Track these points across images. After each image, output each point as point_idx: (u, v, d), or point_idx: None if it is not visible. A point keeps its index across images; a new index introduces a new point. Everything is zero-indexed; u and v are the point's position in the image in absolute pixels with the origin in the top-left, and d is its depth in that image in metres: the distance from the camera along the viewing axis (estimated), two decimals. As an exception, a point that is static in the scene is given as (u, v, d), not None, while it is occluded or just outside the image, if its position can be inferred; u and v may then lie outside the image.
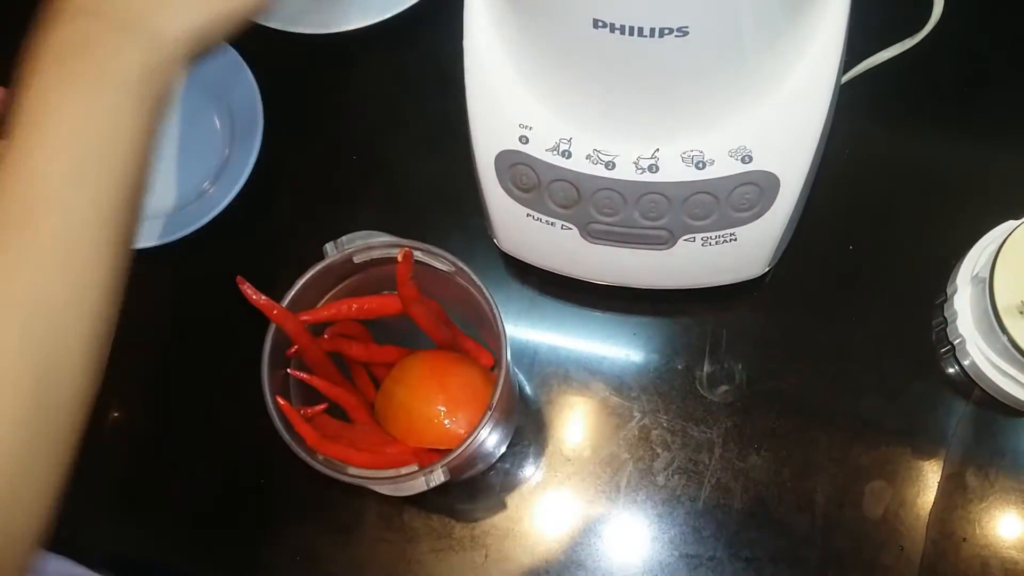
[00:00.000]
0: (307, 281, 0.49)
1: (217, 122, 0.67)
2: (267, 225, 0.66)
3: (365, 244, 0.49)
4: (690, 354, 0.60)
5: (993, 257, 0.53)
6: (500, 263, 0.63)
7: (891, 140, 0.64)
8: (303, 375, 0.50)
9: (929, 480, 0.56)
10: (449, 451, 0.46)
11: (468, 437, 0.46)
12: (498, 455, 0.58)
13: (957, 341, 0.57)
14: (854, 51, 0.61)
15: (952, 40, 0.62)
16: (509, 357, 0.49)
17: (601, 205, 0.51)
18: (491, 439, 0.53)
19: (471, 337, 0.56)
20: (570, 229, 0.53)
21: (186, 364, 0.65)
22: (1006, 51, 0.65)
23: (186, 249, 0.63)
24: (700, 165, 0.48)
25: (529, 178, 0.51)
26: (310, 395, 0.51)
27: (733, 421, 0.58)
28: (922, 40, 0.62)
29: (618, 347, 0.61)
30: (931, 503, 0.55)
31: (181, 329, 0.66)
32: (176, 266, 0.66)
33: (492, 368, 0.55)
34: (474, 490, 0.59)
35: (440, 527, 0.58)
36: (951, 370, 0.58)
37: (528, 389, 0.61)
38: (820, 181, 0.52)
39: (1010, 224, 0.55)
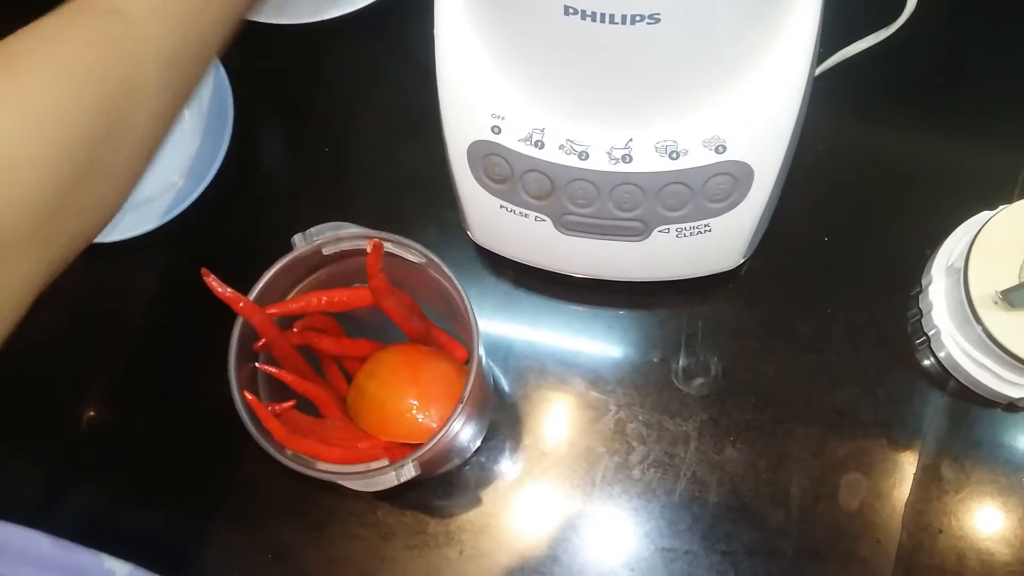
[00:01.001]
0: (275, 273, 0.48)
1: (187, 114, 0.66)
2: (238, 218, 0.65)
3: (334, 235, 0.48)
4: (666, 347, 0.60)
5: (968, 247, 0.53)
6: (475, 257, 0.62)
7: (866, 131, 0.64)
8: (271, 369, 0.49)
9: (905, 472, 0.56)
10: (420, 445, 0.45)
11: (439, 431, 0.45)
12: (473, 450, 0.58)
13: (932, 332, 0.57)
14: (828, 42, 0.61)
15: (926, 31, 0.62)
16: (482, 350, 0.48)
17: (575, 196, 0.50)
18: (464, 433, 0.52)
19: (444, 330, 0.55)
20: (544, 221, 0.53)
21: (155, 358, 0.64)
22: (980, 41, 0.65)
23: (155, 242, 0.62)
24: (674, 155, 0.48)
25: (502, 169, 0.50)
26: (280, 390, 0.50)
27: (709, 414, 0.58)
28: (896, 31, 0.62)
29: (594, 340, 0.61)
30: (907, 495, 0.55)
31: (150, 323, 0.65)
32: (145, 259, 0.65)
33: (466, 362, 0.55)
34: (449, 485, 0.58)
35: (415, 523, 0.57)
36: (926, 361, 0.58)
37: (504, 383, 0.60)
38: (795, 173, 0.52)
39: (985, 215, 0.55)
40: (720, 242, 0.53)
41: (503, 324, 0.62)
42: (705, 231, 0.52)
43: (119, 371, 0.64)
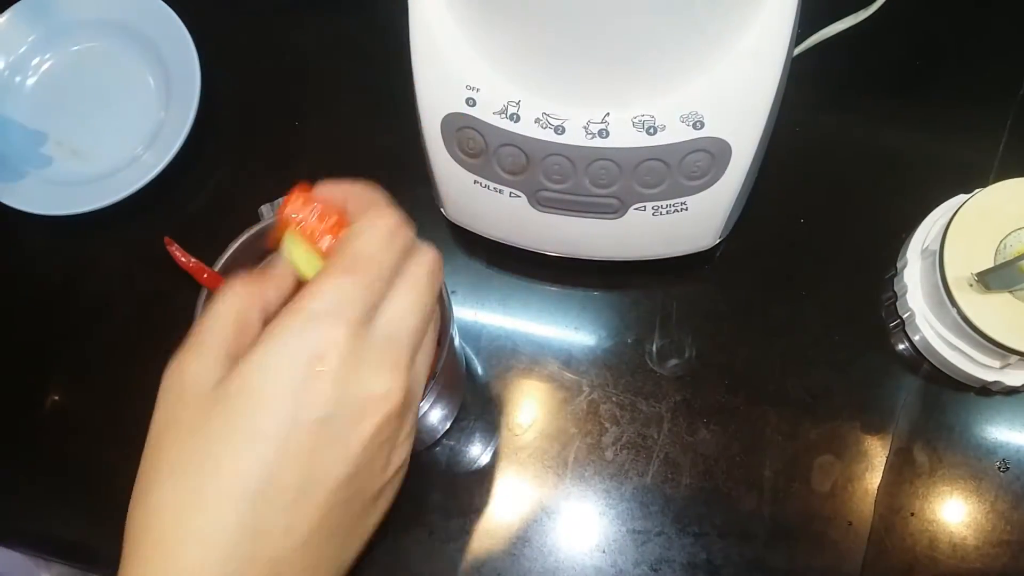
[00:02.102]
0: (241, 244, 0.47)
1: (152, 83, 0.64)
2: (204, 190, 0.64)
3: (303, 207, 0.47)
4: (640, 328, 0.59)
5: (943, 230, 0.52)
6: (448, 234, 0.61)
7: (843, 113, 0.63)
8: (238, 344, 0.47)
9: (877, 455, 0.56)
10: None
11: (410, 408, 0.44)
12: (443, 431, 0.57)
13: (907, 315, 0.56)
14: (805, 24, 0.60)
15: (903, 13, 0.62)
16: (455, 329, 0.47)
17: (550, 171, 0.49)
18: (435, 413, 0.51)
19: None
20: (519, 197, 0.52)
21: (120, 335, 0.62)
22: (957, 24, 0.65)
23: (119, 215, 0.60)
24: (651, 131, 0.47)
25: (476, 143, 0.49)
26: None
27: (682, 395, 0.57)
28: (873, 13, 0.62)
29: (568, 321, 0.60)
30: (879, 478, 0.55)
31: (114, 299, 0.63)
32: (109, 234, 0.63)
33: (438, 341, 0.54)
34: (418, 466, 0.57)
35: (383, 504, 0.56)
36: (900, 345, 0.58)
37: (475, 363, 0.60)
38: (772, 154, 0.52)
39: (961, 198, 0.55)
40: (696, 221, 0.53)
41: (475, 303, 0.61)
42: (681, 209, 0.51)
43: (81, 350, 0.62)
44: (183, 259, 0.44)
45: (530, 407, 0.58)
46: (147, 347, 0.61)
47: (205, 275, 0.45)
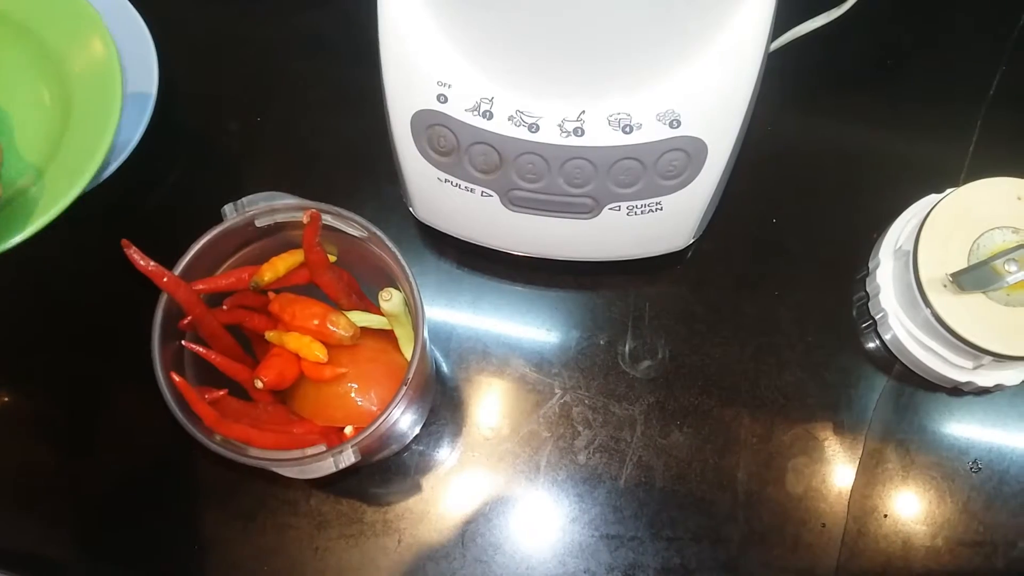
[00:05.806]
0: (203, 246, 0.45)
1: (108, 78, 0.62)
2: (164, 189, 0.62)
3: (268, 206, 0.45)
4: (613, 329, 0.58)
5: (917, 230, 0.52)
6: (417, 234, 0.60)
7: (815, 113, 0.63)
8: (198, 348, 0.46)
9: (851, 456, 0.55)
10: (360, 430, 0.43)
11: (380, 415, 0.43)
12: (413, 435, 0.56)
13: (879, 315, 0.56)
14: (777, 22, 0.60)
15: (875, 12, 0.62)
16: (426, 331, 0.46)
17: (523, 170, 0.48)
18: (405, 418, 0.50)
19: (384, 310, 0.53)
20: (490, 196, 0.50)
21: (77, 341, 0.60)
22: (928, 24, 0.65)
23: (74, 215, 0.58)
24: (627, 129, 0.46)
25: (447, 140, 0.48)
26: (209, 372, 0.47)
27: (655, 397, 0.57)
28: (846, 12, 0.61)
29: (539, 322, 0.59)
30: (853, 479, 0.55)
31: (70, 303, 0.61)
32: (63, 234, 0.60)
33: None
34: (387, 472, 0.56)
35: (351, 512, 0.55)
36: (872, 345, 0.58)
37: (445, 366, 0.58)
38: (744, 154, 0.51)
39: (933, 197, 0.55)
40: (671, 221, 0.52)
41: (445, 305, 0.59)
42: (656, 209, 0.50)
43: (38, 357, 0.60)
44: (142, 262, 0.42)
45: (501, 410, 0.57)
46: (105, 353, 0.59)
47: (165, 279, 0.43)
